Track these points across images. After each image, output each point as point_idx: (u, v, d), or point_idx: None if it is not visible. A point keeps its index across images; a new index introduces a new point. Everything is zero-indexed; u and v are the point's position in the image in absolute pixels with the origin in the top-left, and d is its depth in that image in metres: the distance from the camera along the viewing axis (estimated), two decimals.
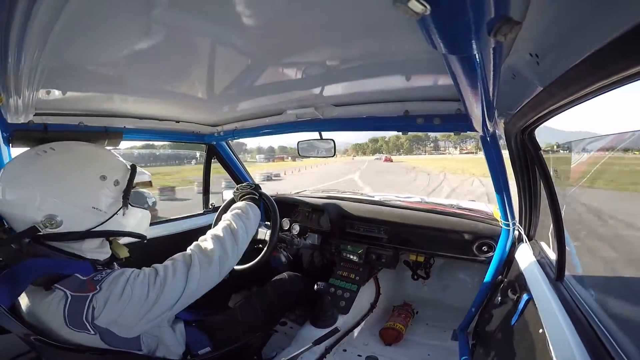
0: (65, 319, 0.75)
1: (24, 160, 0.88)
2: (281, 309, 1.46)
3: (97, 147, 1.06)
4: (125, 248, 1.04)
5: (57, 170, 0.87)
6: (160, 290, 0.84)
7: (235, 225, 1.09)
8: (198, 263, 0.93)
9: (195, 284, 0.91)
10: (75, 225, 0.87)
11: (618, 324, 0.77)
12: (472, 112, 0.84)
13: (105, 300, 0.77)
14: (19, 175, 0.84)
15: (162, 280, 0.86)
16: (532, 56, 0.60)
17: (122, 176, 0.98)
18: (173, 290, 0.87)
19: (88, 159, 0.96)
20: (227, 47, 0.82)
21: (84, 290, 0.78)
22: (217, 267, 0.97)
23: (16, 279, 0.77)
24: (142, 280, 0.84)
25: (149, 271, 0.87)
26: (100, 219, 0.91)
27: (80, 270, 0.82)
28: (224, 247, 1.01)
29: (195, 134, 1.84)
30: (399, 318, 1.80)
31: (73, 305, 0.76)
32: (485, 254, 1.58)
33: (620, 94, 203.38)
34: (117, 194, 0.96)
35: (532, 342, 0.90)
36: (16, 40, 0.58)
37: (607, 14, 0.40)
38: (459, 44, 0.36)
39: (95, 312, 0.76)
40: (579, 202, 2.31)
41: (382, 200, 2.11)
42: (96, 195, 0.91)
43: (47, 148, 0.90)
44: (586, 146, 2.23)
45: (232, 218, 1.12)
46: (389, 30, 0.67)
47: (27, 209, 0.82)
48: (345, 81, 1.09)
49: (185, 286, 0.89)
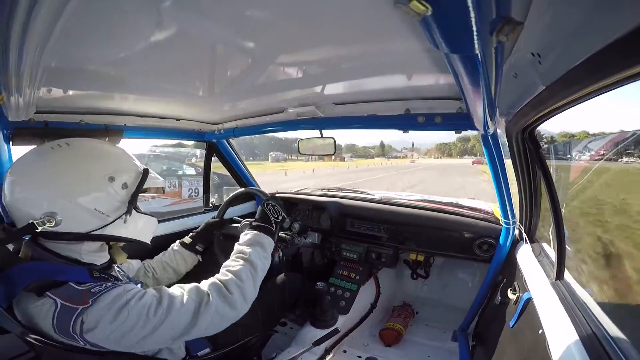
0: (54, 326, 0.73)
1: (36, 153, 0.86)
2: (281, 309, 1.45)
3: (113, 146, 1.01)
4: (125, 254, 1.00)
5: (64, 166, 0.84)
6: (160, 322, 0.79)
7: (256, 268, 1.01)
8: (214, 307, 0.87)
9: (205, 325, 0.85)
10: (74, 226, 0.83)
11: (617, 324, 0.77)
12: (473, 111, 0.84)
13: (97, 320, 0.73)
14: (27, 168, 0.83)
15: (164, 310, 0.80)
16: (534, 55, 0.60)
17: (132, 180, 0.92)
18: (174, 325, 0.81)
19: (98, 157, 0.91)
20: (228, 45, 0.82)
21: (76, 301, 0.74)
22: (235, 312, 0.91)
23: (10, 282, 0.75)
24: (143, 307, 0.78)
25: (151, 298, 0.81)
26: (102, 222, 0.86)
27: (75, 276, 0.79)
28: (244, 293, 0.94)
29: (195, 132, 1.84)
30: (399, 318, 1.81)
31: (61, 315, 0.73)
32: (486, 252, 1.58)
33: (621, 94, 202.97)
34: (124, 198, 0.90)
35: (531, 342, 0.90)
36: (17, 38, 0.58)
37: (609, 14, 0.40)
38: (461, 43, 0.36)
39: (84, 327, 0.73)
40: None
41: (382, 198, 2.11)
42: (100, 197, 0.86)
43: (62, 142, 0.87)
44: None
45: (253, 257, 1.03)
46: (390, 28, 0.67)
47: (29, 204, 0.79)
48: (346, 79, 1.09)
49: (188, 324, 0.83)
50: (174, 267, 1.31)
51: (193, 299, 0.86)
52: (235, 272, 0.96)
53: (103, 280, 0.82)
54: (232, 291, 0.91)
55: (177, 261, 1.32)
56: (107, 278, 0.84)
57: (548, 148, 1.35)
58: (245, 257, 1.02)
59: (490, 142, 1.17)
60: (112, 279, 0.86)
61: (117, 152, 0.98)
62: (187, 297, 0.85)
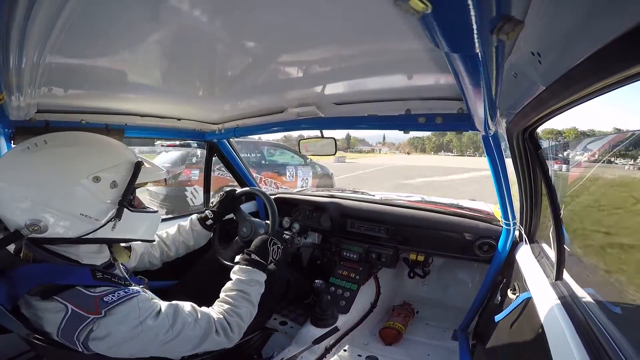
0: (59, 329, 0.72)
1: (12, 156, 0.80)
2: (273, 298, 1.43)
3: (99, 139, 0.91)
4: (127, 252, 0.99)
5: (42, 170, 0.77)
6: (166, 343, 0.81)
7: (255, 307, 1.05)
8: (216, 341, 0.90)
9: (202, 351, 0.89)
10: (62, 232, 0.79)
11: (616, 323, 0.77)
12: (474, 111, 0.84)
13: (108, 333, 0.73)
14: (4, 172, 0.77)
15: (173, 335, 0.82)
16: (534, 55, 0.60)
17: (123, 176, 0.85)
18: (176, 349, 0.84)
19: (79, 155, 0.82)
20: (228, 45, 0.82)
21: (88, 310, 0.73)
22: (230, 344, 0.95)
23: (13, 284, 0.74)
24: (155, 328, 0.79)
25: (164, 320, 0.81)
26: (91, 226, 0.81)
27: (78, 279, 0.78)
28: (242, 331, 0.98)
29: (196, 131, 1.84)
30: (399, 318, 1.80)
31: (70, 320, 0.72)
32: (486, 253, 1.58)
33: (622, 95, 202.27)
34: (114, 198, 0.84)
35: (531, 341, 0.90)
36: (18, 37, 0.58)
37: (609, 12, 0.40)
38: (461, 42, 0.36)
39: (91, 335, 0.72)
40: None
41: (383, 199, 2.11)
42: (84, 200, 0.79)
43: (40, 141, 0.80)
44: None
45: (254, 297, 1.05)
46: (390, 28, 0.67)
47: (11, 211, 0.75)
48: (346, 79, 1.09)
49: (190, 349, 0.87)
50: (189, 244, 1.34)
51: (202, 327, 0.87)
52: (240, 314, 0.98)
53: (107, 281, 0.82)
54: (234, 331, 0.94)
55: (194, 239, 1.34)
56: (110, 279, 0.83)
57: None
58: (248, 297, 1.03)
59: (491, 143, 1.17)
60: (115, 278, 0.85)
61: (102, 144, 0.90)
62: (197, 327, 0.86)
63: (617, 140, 2.16)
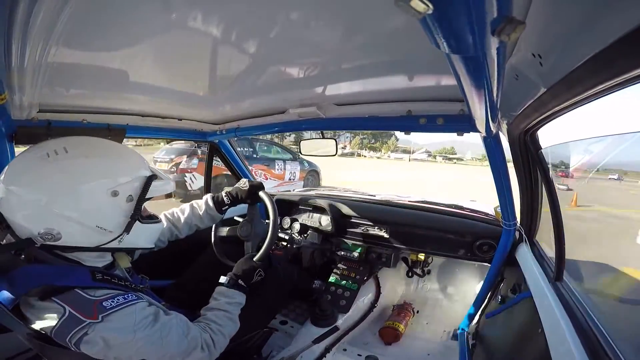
0: (53, 329, 0.73)
1: (29, 162, 0.78)
2: (277, 301, 1.44)
3: (118, 149, 0.92)
4: (128, 257, 1.00)
5: (63, 181, 0.77)
6: (154, 350, 0.82)
7: (237, 325, 1.08)
8: (200, 357, 0.91)
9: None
10: (75, 241, 0.80)
11: (615, 323, 0.77)
12: (475, 113, 0.84)
13: (101, 338, 0.73)
14: (23, 177, 0.76)
15: (163, 344, 0.83)
16: (535, 56, 0.60)
17: (137, 190, 0.87)
18: (163, 356, 0.85)
19: (101, 168, 0.83)
20: (230, 46, 0.83)
21: (86, 314, 0.73)
22: (210, 358, 0.97)
23: (13, 285, 0.75)
24: (149, 337, 0.80)
25: (159, 331, 0.83)
26: (105, 238, 0.84)
27: (77, 280, 0.78)
28: (223, 346, 1.00)
29: (197, 131, 1.84)
30: (399, 317, 1.80)
31: (66, 322, 0.72)
32: (486, 253, 1.58)
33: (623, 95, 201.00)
34: (128, 212, 0.86)
35: (531, 341, 0.90)
36: (19, 37, 0.59)
37: (611, 13, 0.39)
38: (463, 44, 0.36)
39: (84, 338, 0.72)
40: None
41: (383, 199, 2.11)
42: (102, 213, 0.81)
43: (60, 148, 0.79)
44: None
45: (235, 316, 1.08)
46: (391, 29, 0.67)
47: (26, 219, 0.75)
48: (347, 81, 1.09)
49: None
50: (200, 226, 1.32)
51: (190, 343, 0.89)
52: (224, 334, 1.01)
53: (107, 283, 0.82)
54: (217, 347, 0.97)
55: (207, 221, 1.32)
56: (110, 280, 0.84)
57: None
58: (231, 317, 1.07)
59: (492, 144, 1.17)
60: (116, 279, 0.86)
61: (121, 156, 0.91)
62: (186, 341, 0.88)
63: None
